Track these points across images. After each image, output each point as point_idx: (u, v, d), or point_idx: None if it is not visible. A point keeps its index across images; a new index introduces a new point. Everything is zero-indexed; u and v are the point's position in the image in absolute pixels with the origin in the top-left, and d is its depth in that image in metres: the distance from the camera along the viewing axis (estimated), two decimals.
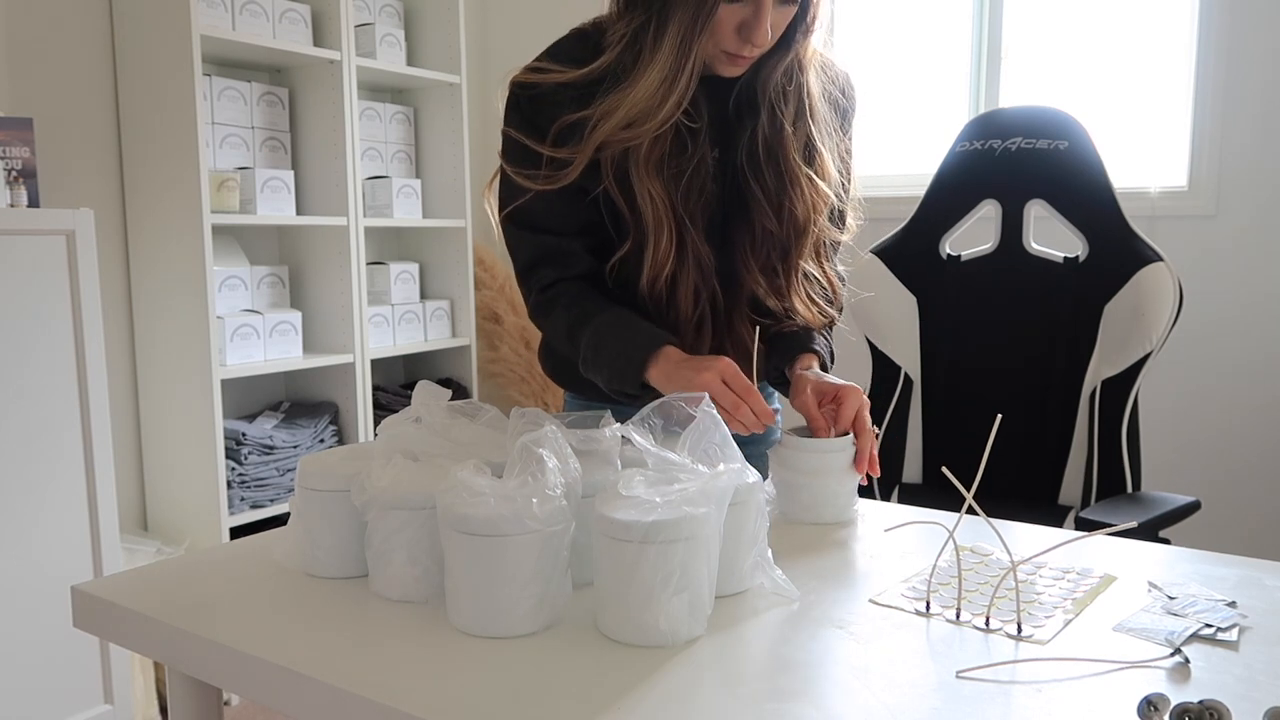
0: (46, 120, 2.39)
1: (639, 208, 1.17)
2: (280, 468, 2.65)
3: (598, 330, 1.18)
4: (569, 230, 1.22)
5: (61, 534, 2.04)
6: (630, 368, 1.14)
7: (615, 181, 1.17)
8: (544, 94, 1.18)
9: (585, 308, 1.20)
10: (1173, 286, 1.68)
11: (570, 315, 1.21)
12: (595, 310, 1.19)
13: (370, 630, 0.82)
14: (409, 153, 3.16)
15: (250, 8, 2.56)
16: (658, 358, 1.13)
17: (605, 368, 1.17)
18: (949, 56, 2.92)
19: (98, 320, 2.07)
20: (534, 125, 1.19)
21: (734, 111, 1.21)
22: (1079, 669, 0.75)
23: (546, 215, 1.21)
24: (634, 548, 0.77)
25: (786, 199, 1.20)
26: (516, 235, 1.25)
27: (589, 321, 1.19)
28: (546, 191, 1.18)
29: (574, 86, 1.16)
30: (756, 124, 1.20)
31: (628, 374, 1.14)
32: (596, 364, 1.18)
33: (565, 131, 1.17)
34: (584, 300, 1.21)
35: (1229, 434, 2.54)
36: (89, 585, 0.92)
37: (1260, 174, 2.46)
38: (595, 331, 1.18)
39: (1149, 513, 1.55)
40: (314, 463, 0.96)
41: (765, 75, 1.18)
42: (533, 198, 1.20)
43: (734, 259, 1.24)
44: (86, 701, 2.10)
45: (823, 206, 1.23)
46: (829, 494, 1.11)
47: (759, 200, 1.21)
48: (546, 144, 1.17)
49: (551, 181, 1.17)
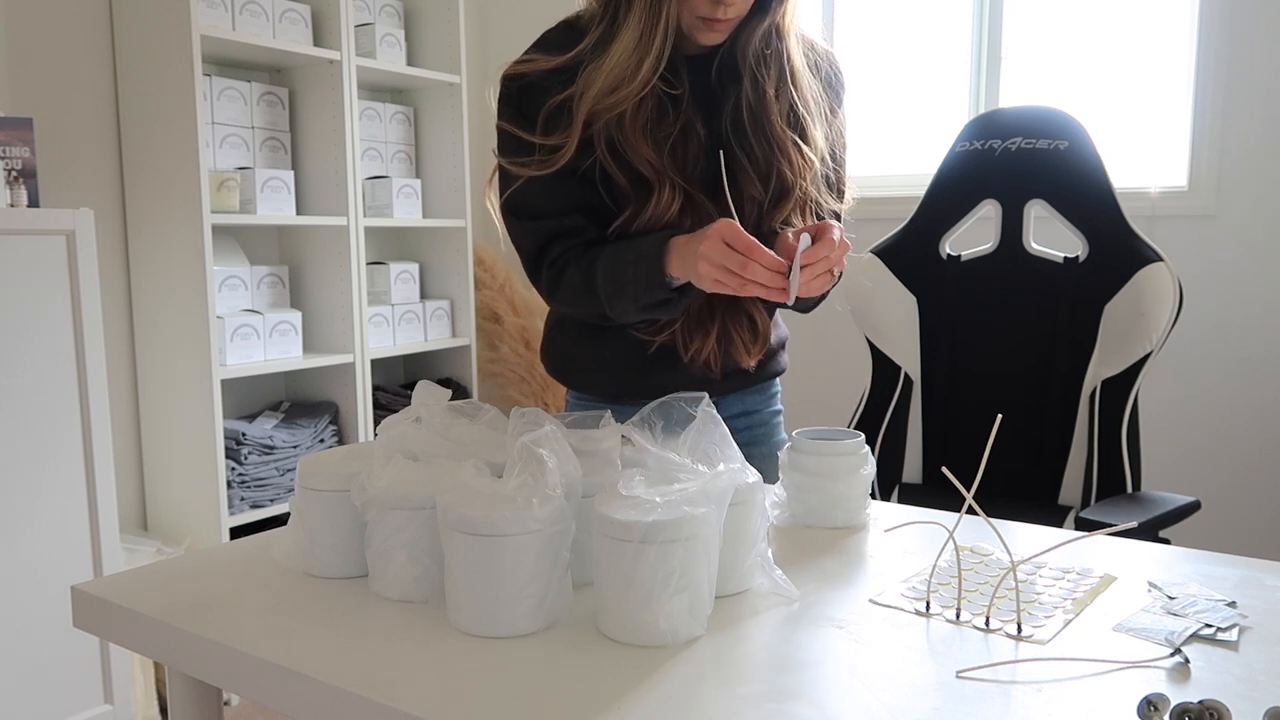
0: (46, 120, 2.39)
1: (637, 171, 1.18)
2: (280, 468, 2.65)
3: (607, 260, 1.18)
4: (570, 210, 1.22)
5: (61, 534, 2.04)
6: (650, 267, 1.13)
7: (608, 153, 1.18)
8: (533, 82, 1.19)
9: (593, 252, 1.20)
10: (1173, 286, 1.68)
11: (581, 265, 1.21)
12: (601, 249, 1.20)
13: (370, 630, 0.82)
14: (409, 153, 3.16)
15: (250, 8, 2.56)
16: (671, 246, 1.13)
17: (629, 283, 1.16)
18: (949, 56, 2.92)
19: (98, 320, 2.07)
20: (524, 114, 1.20)
21: (716, 81, 1.22)
22: (1079, 669, 0.75)
23: (544, 200, 1.22)
24: (634, 548, 0.77)
25: (774, 166, 1.21)
26: (519, 227, 1.25)
27: (598, 258, 1.19)
28: (542, 176, 1.19)
29: (561, 71, 1.17)
30: (740, 92, 1.20)
31: (651, 275, 1.14)
32: (619, 288, 1.17)
33: (554, 113, 1.17)
34: (590, 250, 1.21)
35: (1229, 434, 2.54)
36: (89, 585, 0.92)
37: (1260, 174, 2.46)
38: (606, 262, 1.18)
39: (1149, 513, 1.55)
40: (314, 463, 0.96)
41: (744, 42, 1.19)
42: (528, 185, 1.20)
43: None
44: (86, 701, 2.10)
45: (808, 171, 1.22)
46: (839, 496, 1.10)
47: (745, 170, 1.21)
48: (537, 131, 1.18)
49: (546, 166, 1.18)
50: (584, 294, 1.21)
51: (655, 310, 1.18)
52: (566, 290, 1.23)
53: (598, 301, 1.20)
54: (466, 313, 3.18)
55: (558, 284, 1.24)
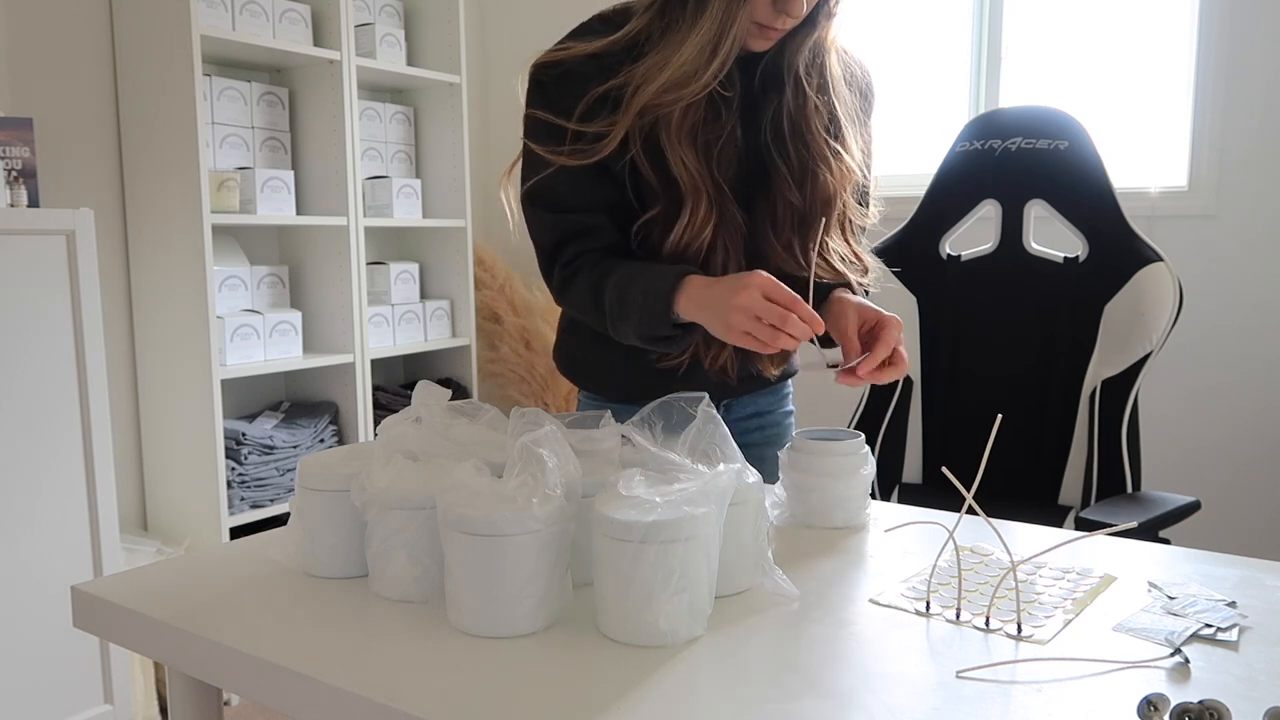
0: (46, 120, 2.39)
1: (673, 176, 1.16)
2: (280, 468, 2.65)
3: (618, 281, 1.16)
4: (594, 207, 1.20)
5: (61, 534, 2.04)
6: (658, 303, 1.11)
7: (644, 152, 1.16)
8: (570, 69, 1.17)
9: (607, 265, 1.18)
10: (1173, 286, 1.68)
11: (592, 278, 1.19)
12: (616, 265, 1.18)
13: (370, 630, 0.82)
14: (409, 153, 3.16)
15: (250, 8, 2.56)
16: (684, 285, 1.11)
17: (634, 312, 1.14)
18: (949, 56, 2.92)
19: (98, 320, 2.07)
20: (560, 103, 1.17)
21: (759, 87, 1.21)
22: (1079, 669, 0.75)
23: (571, 192, 1.20)
24: (634, 548, 0.77)
25: (811, 173, 1.20)
26: (539, 218, 1.23)
27: (610, 275, 1.17)
28: (572, 168, 1.17)
29: (601, 58, 1.15)
30: (782, 99, 1.20)
31: (656, 310, 1.11)
32: (624, 313, 1.15)
33: (595, 104, 1.15)
34: (605, 261, 1.20)
35: (1229, 434, 2.54)
36: (89, 585, 0.92)
37: (1260, 174, 2.46)
38: (617, 283, 1.16)
39: (1149, 513, 1.55)
40: (314, 463, 0.96)
41: (791, 51, 1.18)
42: (557, 175, 1.18)
43: (756, 236, 1.22)
44: (86, 701, 2.10)
45: (848, 181, 1.22)
46: (840, 497, 1.10)
47: (783, 175, 1.20)
48: (574, 119, 1.16)
49: (583, 156, 1.15)
50: (590, 306, 1.20)
51: (656, 344, 1.17)
52: (574, 296, 1.22)
53: (602, 318, 1.18)
54: (466, 313, 3.18)
55: (568, 287, 1.22)
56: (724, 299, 1.06)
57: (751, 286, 1.04)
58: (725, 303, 1.05)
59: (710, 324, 1.09)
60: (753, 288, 1.04)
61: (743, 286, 1.04)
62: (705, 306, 1.08)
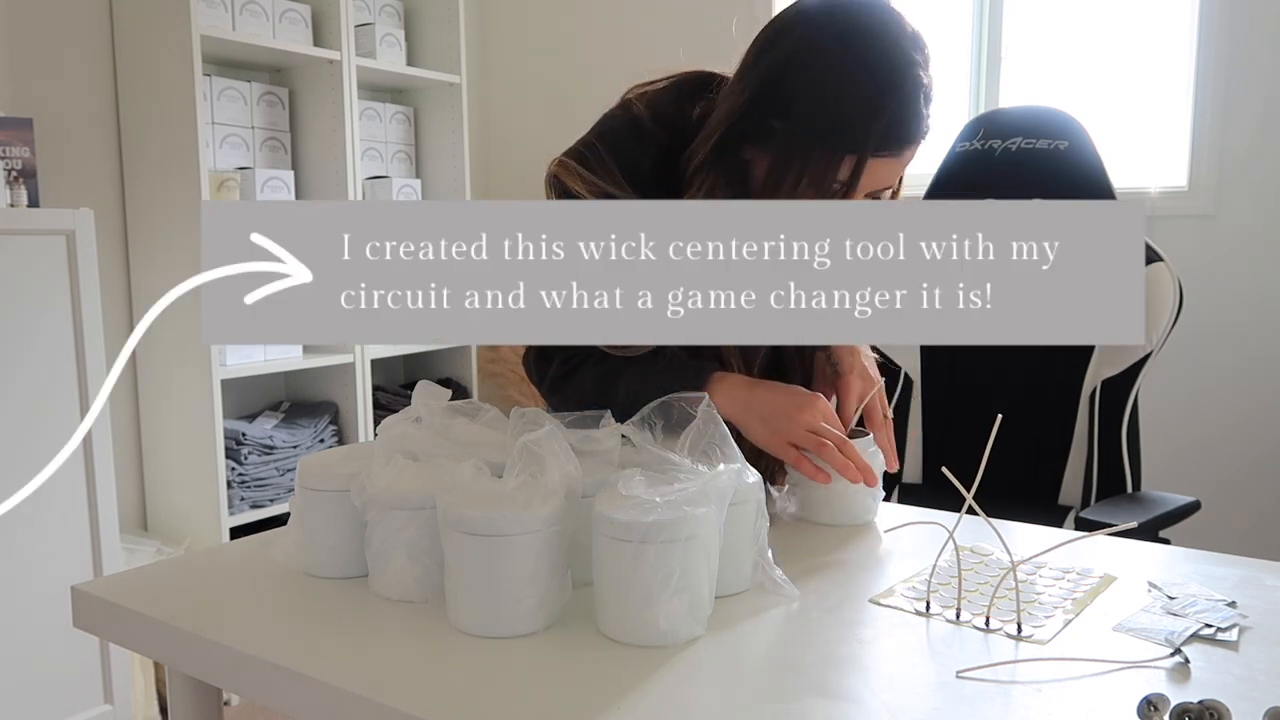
0: (46, 120, 2.38)
1: None
2: (280, 468, 2.65)
3: (635, 372, 1.11)
4: None
5: (61, 534, 2.04)
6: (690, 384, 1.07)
7: None
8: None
9: (616, 363, 1.13)
10: (1173, 287, 1.68)
11: (599, 370, 1.14)
12: (624, 361, 1.12)
13: (370, 630, 0.82)
14: (409, 153, 3.16)
15: (250, 8, 2.56)
16: (718, 382, 1.09)
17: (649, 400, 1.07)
18: (949, 56, 2.92)
19: (98, 320, 2.07)
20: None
21: None
22: (1079, 669, 0.75)
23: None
24: (634, 548, 0.77)
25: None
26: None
27: (625, 368, 1.12)
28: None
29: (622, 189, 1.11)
30: None
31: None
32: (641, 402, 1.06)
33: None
34: (611, 359, 1.14)
35: (1229, 434, 2.54)
36: (89, 585, 0.92)
37: (1260, 174, 2.46)
38: (633, 374, 1.11)
39: (1149, 513, 1.55)
40: (314, 463, 0.96)
41: None
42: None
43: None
44: (86, 701, 2.10)
45: None
46: (846, 495, 1.10)
47: None
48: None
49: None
50: (593, 401, 1.11)
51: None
52: (573, 391, 1.16)
53: (605, 405, 1.06)
54: None
55: (567, 382, 1.16)
56: (782, 407, 1.06)
57: (816, 407, 1.06)
58: (782, 410, 1.06)
59: (749, 425, 1.07)
60: (816, 408, 1.06)
61: (809, 403, 1.06)
62: (751, 409, 1.07)
